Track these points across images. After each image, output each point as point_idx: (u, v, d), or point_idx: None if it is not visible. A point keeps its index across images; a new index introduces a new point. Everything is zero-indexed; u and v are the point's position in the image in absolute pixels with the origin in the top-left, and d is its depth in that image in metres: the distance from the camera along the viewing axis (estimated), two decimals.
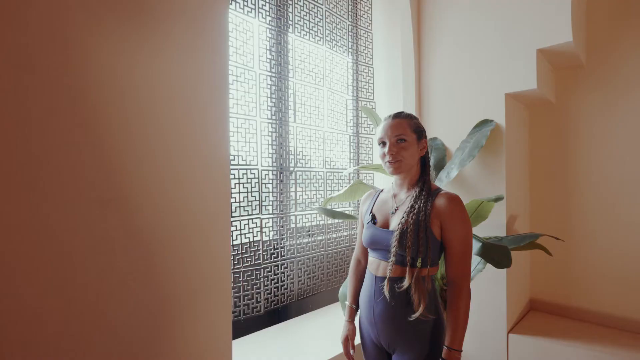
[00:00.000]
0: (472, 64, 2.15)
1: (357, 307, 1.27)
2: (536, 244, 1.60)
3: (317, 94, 2.22)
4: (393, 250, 1.07)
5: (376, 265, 1.16)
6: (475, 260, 1.72)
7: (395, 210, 1.17)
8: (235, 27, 1.80)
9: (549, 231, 2.30)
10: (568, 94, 2.29)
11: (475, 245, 1.38)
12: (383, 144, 1.15)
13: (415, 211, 1.09)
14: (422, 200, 1.10)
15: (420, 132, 1.16)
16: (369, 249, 1.21)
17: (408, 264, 1.06)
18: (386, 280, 1.09)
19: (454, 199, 1.08)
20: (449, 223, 1.07)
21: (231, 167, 1.73)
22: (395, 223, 1.14)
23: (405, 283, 1.05)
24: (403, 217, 1.10)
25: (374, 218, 1.20)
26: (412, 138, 1.13)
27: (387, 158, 1.13)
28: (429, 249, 1.06)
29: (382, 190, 1.30)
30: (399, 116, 1.15)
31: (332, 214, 1.71)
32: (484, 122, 2.02)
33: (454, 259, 1.08)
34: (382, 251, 1.14)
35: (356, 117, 2.52)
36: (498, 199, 1.72)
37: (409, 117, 1.16)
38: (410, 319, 1.05)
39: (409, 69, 2.37)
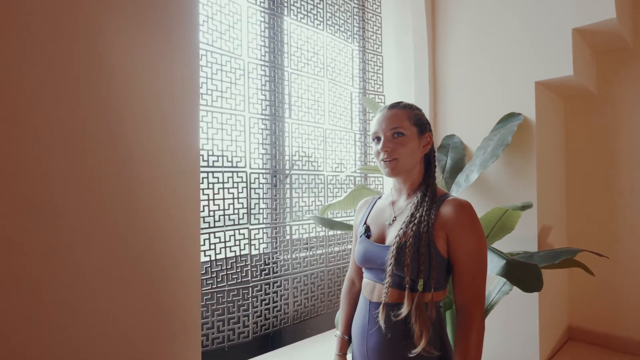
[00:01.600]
0: (495, 48, 2.10)
1: (350, 339, 1.20)
2: (574, 262, 1.53)
3: (316, 85, 2.18)
4: (389, 269, 1.00)
5: (371, 288, 1.09)
6: (500, 281, 1.62)
7: (393, 220, 1.10)
8: (220, 9, 1.77)
9: (589, 246, 2.23)
10: (611, 82, 2.22)
11: (498, 263, 1.30)
12: (377, 139, 1.09)
13: (415, 221, 1.01)
14: (425, 208, 1.03)
15: (422, 124, 1.09)
16: (363, 269, 1.14)
17: (407, 286, 0.98)
18: (381, 307, 1.01)
19: (462, 206, 1.00)
20: (457, 235, 0.99)
21: (214, 169, 1.69)
22: (392, 236, 1.06)
23: (404, 310, 0.97)
24: (401, 228, 1.03)
25: (367, 230, 1.13)
26: (411, 132, 1.06)
27: (382, 156, 1.06)
28: (433, 268, 0.98)
29: (380, 197, 1.23)
30: (395, 106, 1.09)
31: (330, 224, 1.66)
32: (510, 116, 1.97)
33: (463, 280, 1.00)
34: (377, 271, 1.07)
35: (363, 113, 2.49)
36: (526, 207, 1.64)
37: (408, 107, 1.09)
38: (411, 355, 0.97)
39: (423, 57, 2.34)
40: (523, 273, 1.24)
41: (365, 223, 1.16)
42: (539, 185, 1.98)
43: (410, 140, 1.05)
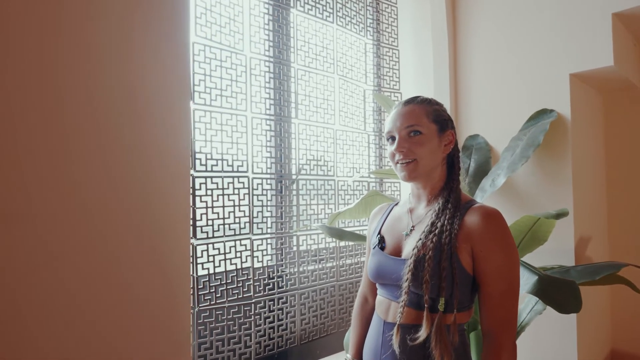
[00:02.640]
0: (524, 37, 2.06)
1: None
2: (618, 277, 1.48)
3: (325, 83, 2.16)
4: (405, 286, 0.96)
5: (385, 306, 1.06)
6: (532, 299, 1.56)
7: (411, 230, 1.06)
8: (220, 1, 1.75)
9: (635, 260, 2.15)
10: None
11: (529, 280, 1.26)
12: (392, 139, 1.05)
13: (436, 231, 0.97)
14: (447, 217, 0.98)
15: (442, 121, 1.04)
16: (377, 284, 1.12)
17: (426, 306, 0.94)
18: (395, 328, 0.97)
19: (491, 215, 0.96)
20: (484, 249, 0.94)
21: (213, 174, 1.67)
22: (409, 248, 1.02)
23: (422, 333, 0.93)
24: (420, 239, 0.99)
25: (382, 241, 1.11)
26: (430, 129, 1.02)
27: (397, 157, 1.02)
28: (456, 286, 0.94)
29: (397, 204, 1.20)
30: (412, 101, 1.05)
31: (340, 234, 1.64)
32: (542, 113, 1.93)
33: (492, 301, 0.95)
34: (391, 287, 1.03)
35: (377, 112, 2.47)
36: (561, 215, 1.58)
37: (426, 101, 1.06)
38: None
39: (443, 50, 2.31)
40: (558, 291, 1.19)
41: (379, 233, 1.13)
42: (576, 190, 1.92)
43: (429, 139, 1.01)
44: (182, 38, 1.12)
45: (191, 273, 1.52)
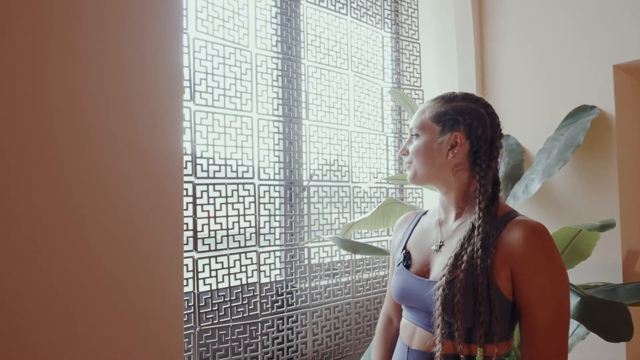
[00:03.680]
0: (560, 25, 2.02)
1: None
2: None
3: (339, 80, 2.16)
4: (437, 313, 0.91)
5: (410, 331, 1.02)
6: (573, 322, 1.51)
7: (440, 246, 1.02)
8: None
9: None
10: None
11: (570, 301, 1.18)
12: None
13: (468, 251, 0.92)
14: (481, 232, 0.93)
15: (447, 121, 1.01)
16: (402, 305, 1.09)
17: (461, 339, 0.90)
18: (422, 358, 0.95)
19: (535, 231, 0.90)
20: (527, 273, 0.89)
21: (215, 181, 1.67)
22: (438, 268, 0.98)
23: None
24: (450, 258, 0.94)
25: (407, 257, 1.07)
26: (430, 132, 1.02)
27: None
28: (495, 315, 0.88)
29: (425, 213, 1.17)
30: (435, 98, 1.06)
31: (354, 246, 1.61)
32: (582, 110, 1.90)
33: (536, 333, 0.89)
34: (418, 311, 1.00)
35: (397, 111, 2.47)
36: (607, 226, 1.52)
37: (446, 98, 1.04)
38: None
39: (468, 43, 2.30)
40: (604, 315, 1.15)
41: (404, 247, 1.10)
42: (623, 198, 1.87)
43: (425, 142, 1.02)
44: (174, 32, 1.10)
45: (192, 289, 1.52)
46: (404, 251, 1.08)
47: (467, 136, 0.99)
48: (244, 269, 1.72)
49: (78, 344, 0.94)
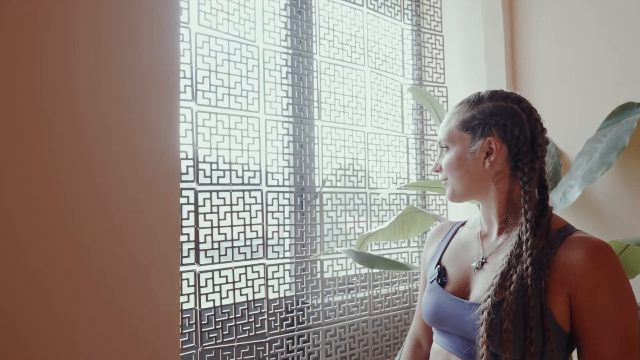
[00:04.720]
0: (601, 13, 1.97)
1: None
2: None
3: (354, 77, 2.16)
4: (481, 341, 0.87)
5: (443, 358, 0.99)
6: None
7: (483, 263, 0.98)
8: None
9: None
10: None
11: None
12: None
13: (517, 270, 0.88)
14: (530, 248, 0.89)
15: (476, 127, 0.98)
16: (433, 328, 1.06)
17: None
18: None
19: (600, 251, 0.86)
20: (590, 298, 0.85)
21: (219, 187, 1.67)
22: (480, 289, 0.95)
23: None
24: (496, 277, 0.90)
25: (442, 274, 1.04)
26: (456, 141, 1.00)
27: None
28: (550, 347, 0.84)
29: (463, 224, 1.14)
30: (460, 103, 1.04)
31: (370, 260, 1.58)
32: (627, 108, 1.83)
33: None
34: (454, 337, 0.97)
35: (418, 110, 2.46)
36: None
37: (471, 102, 1.02)
38: None
39: (497, 36, 2.28)
40: None
41: (439, 262, 1.07)
42: None
43: (457, 154, 0.99)
44: (168, 21, 1.09)
45: (193, 306, 1.52)
46: (438, 266, 1.06)
47: (502, 139, 0.95)
48: (250, 283, 1.72)
49: None
